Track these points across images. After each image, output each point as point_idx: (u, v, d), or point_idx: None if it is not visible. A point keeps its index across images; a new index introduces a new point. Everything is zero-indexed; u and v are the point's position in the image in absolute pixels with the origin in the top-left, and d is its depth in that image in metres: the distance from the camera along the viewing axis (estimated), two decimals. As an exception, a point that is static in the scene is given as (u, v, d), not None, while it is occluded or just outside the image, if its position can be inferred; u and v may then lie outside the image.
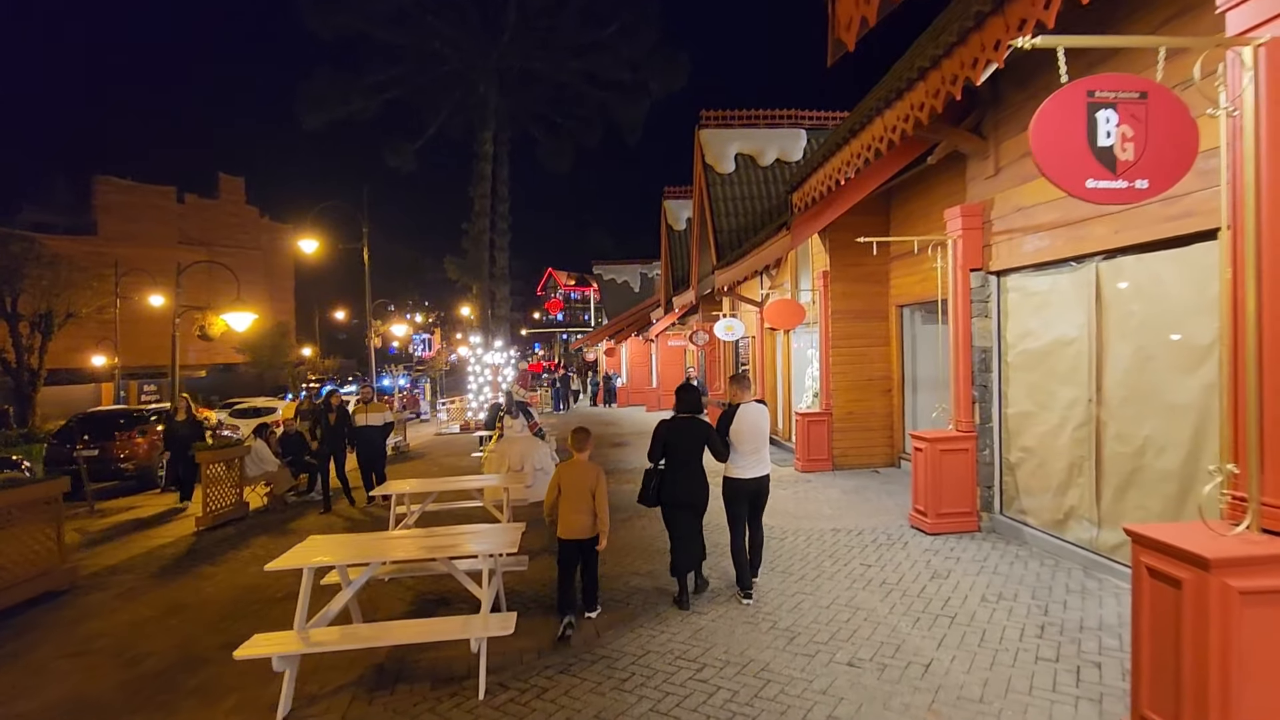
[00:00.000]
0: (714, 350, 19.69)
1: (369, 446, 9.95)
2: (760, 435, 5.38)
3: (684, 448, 5.26)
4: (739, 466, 5.37)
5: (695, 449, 5.28)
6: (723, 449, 5.34)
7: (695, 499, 5.31)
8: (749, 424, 5.33)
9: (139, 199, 46.01)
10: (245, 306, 12.55)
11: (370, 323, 22.06)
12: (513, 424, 9.85)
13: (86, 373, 36.39)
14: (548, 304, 64.51)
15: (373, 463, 10.05)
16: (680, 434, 5.27)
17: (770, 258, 8.61)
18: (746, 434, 5.32)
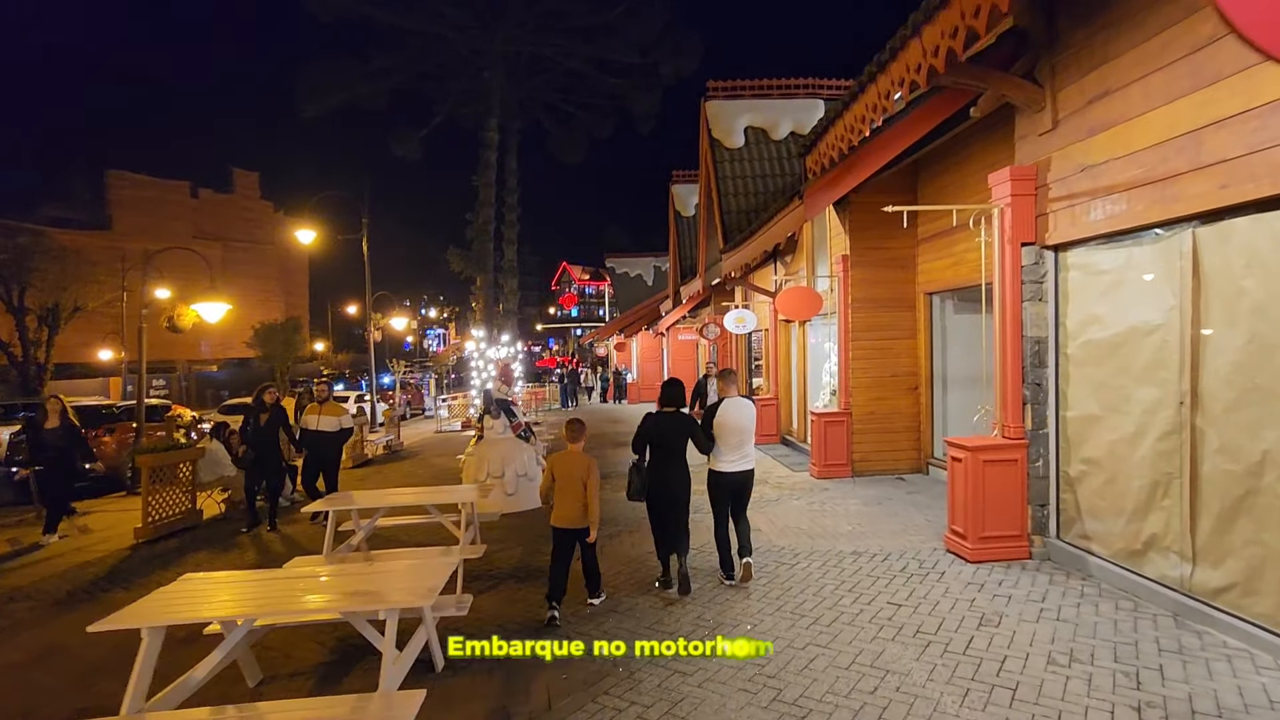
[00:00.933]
0: (726, 344, 18.52)
1: (318, 455, 8.79)
2: (743, 430, 5.41)
3: (668, 441, 5.30)
4: (722, 460, 5.44)
5: (679, 442, 5.33)
6: (705, 442, 5.43)
7: (679, 490, 5.34)
8: (732, 419, 5.38)
9: (153, 194, 45.71)
10: (218, 296, 11.63)
11: (370, 316, 21.15)
12: (493, 425, 8.79)
13: (94, 367, 36.04)
14: (562, 299, 63.51)
15: (322, 473, 8.87)
16: (664, 427, 5.31)
17: (782, 234, 7.43)
18: (729, 429, 5.38)
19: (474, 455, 8.74)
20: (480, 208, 22.90)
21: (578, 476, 4.90)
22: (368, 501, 5.94)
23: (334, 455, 8.91)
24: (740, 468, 5.43)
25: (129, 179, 44.89)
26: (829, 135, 6.88)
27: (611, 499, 8.82)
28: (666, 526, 5.37)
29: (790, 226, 7.31)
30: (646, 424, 5.34)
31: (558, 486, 4.93)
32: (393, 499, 6.08)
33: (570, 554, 4.99)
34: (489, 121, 22.92)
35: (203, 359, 47.51)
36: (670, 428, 5.31)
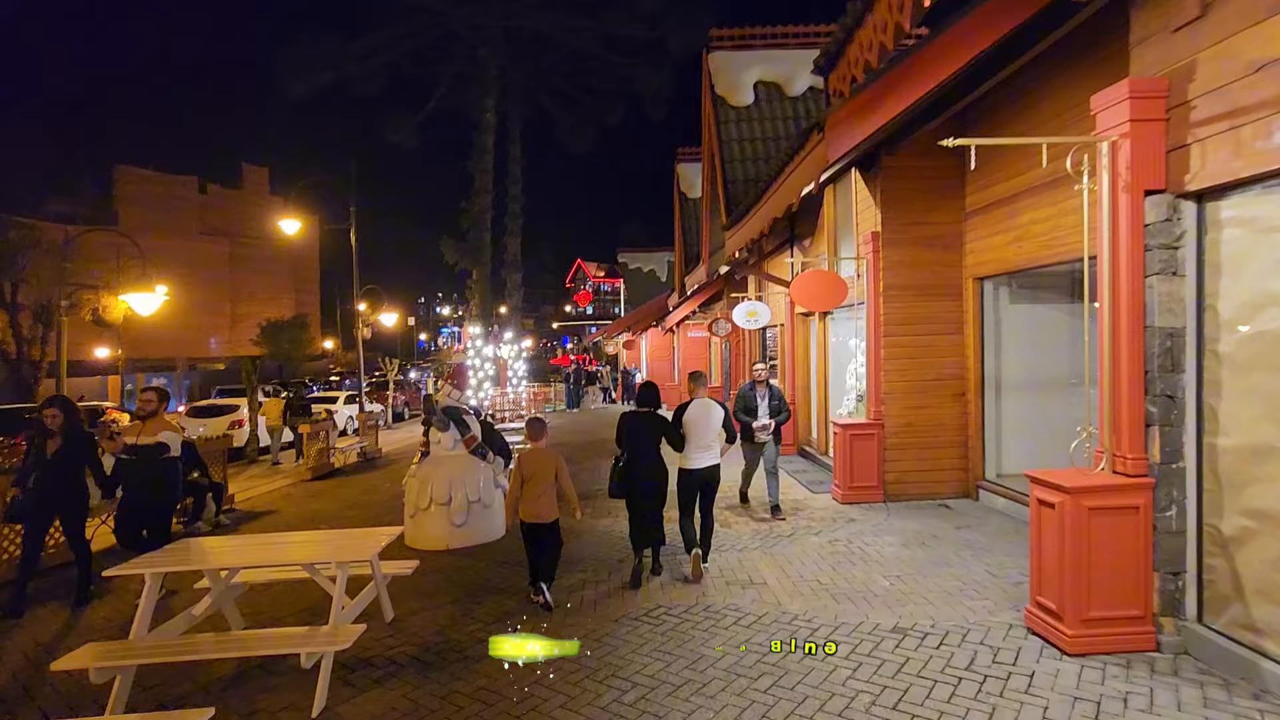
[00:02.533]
0: (739, 342, 16.74)
1: (138, 487, 5.85)
2: (707, 429, 5.69)
3: (644, 439, 5.61)
4: (690, 458, 5.71)
5: (654, 440, 5.63)
6: (678, 440, 5.73)
7: (655, 485, 5.62)
8: (698, 417, 5.68)
9: (160, 189, 44.91)
10: (149, 285, 10.15)
11: (357, 312, 19.70)
12: (440, 439, 7.13)
13: (91, 365, 35.15)
14: (576, 296, 61.89)
15: (141, 515, 5.86)
16: (640, 426, 5.65)
17: (796, 189, 5.64)
18: (693, 427, 5.67)
19: (416, 477, 7.09)
20: (476, 195, 21.34)
21: (548, 472, 5.13)
22: (218, 559, 4.28)
23: (161, 493, 5.91)
24: (706, 464, 5.72)
25: (136, 174, 44.12)
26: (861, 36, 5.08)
27: (597, 528, 7.16)
28: (641, 519, 5.69)
29: (807, 177, 5.48)
30: (623, 423, 5.71)
31: (527, 485, 5.12)
32: (257, 555, 4.42)
33: (541, 544, 5.23)
34: (485, 102, 21.33)
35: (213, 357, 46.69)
36: (646, 427, 5.65)
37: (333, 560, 4.00)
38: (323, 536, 4.61)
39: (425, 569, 6.17)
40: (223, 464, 9.54)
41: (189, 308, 44.40)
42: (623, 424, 5.69)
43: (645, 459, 5.57)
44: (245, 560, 4.08)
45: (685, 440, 5.68)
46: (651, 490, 5.61)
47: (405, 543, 6.98)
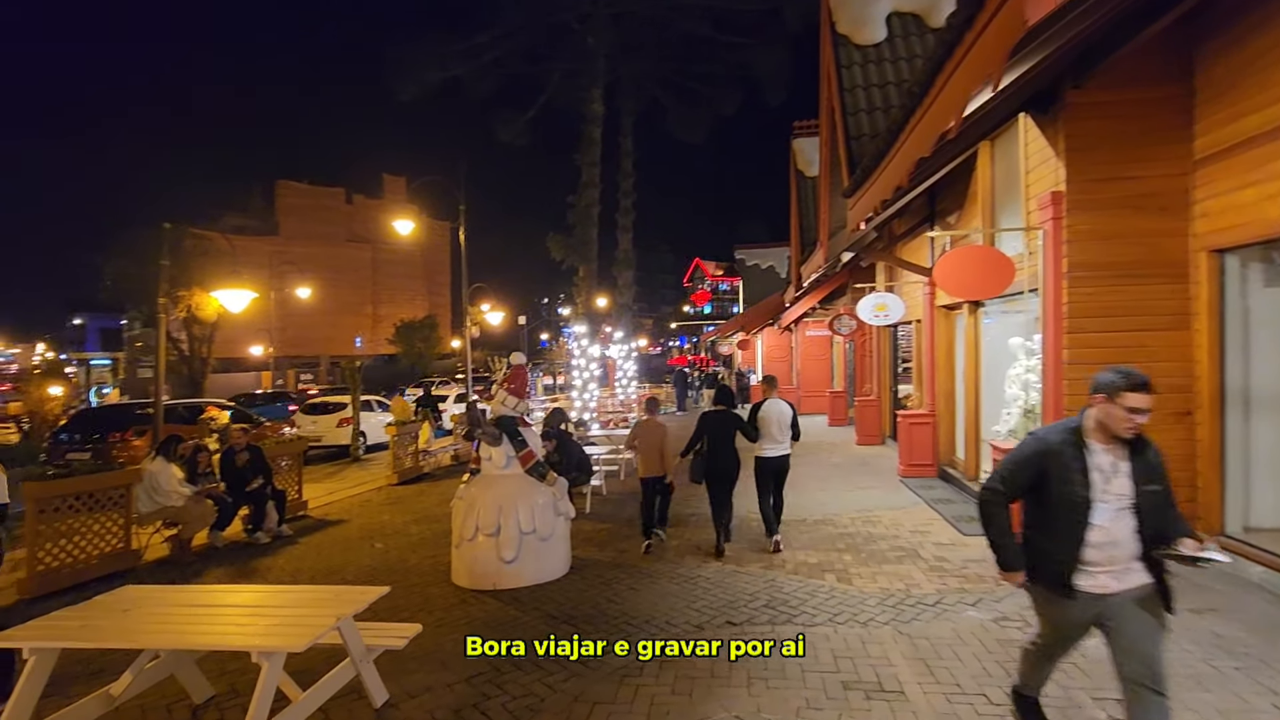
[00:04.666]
0: (865, 340, 14.54)
1: None
2: (780, 425, 6.44)
3: (720, 433, 6.46)
4: (765, 449, 6.50)
5: (729, 434, 6.45)
6: (753, 433, 6.48)
7: (729, 472, 6.47)
8: (770, 415, 6.45)
9: (313, 201, 48.37)
10: (243, 284, 9.86)
11: (466, 310, 19.37)
12: (492, 454, 5.89)
13: (247, 361, 38.10)
14: (694, 296, 60.34)
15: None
16: (717, 423, 6.50)
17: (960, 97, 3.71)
18: (766, 423, 6.45)
19: (461, 499, 5.91)
20: (583, 189, 20.43)
21: (656, 440, 6.56)
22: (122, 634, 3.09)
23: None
24: (779, 453, 6.49)
25: (293, 188, 47.78)
26: None
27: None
28: (719, 500, 6.46)
29: (983, 68, 3.50)
30: (704, 420, 6.54)
31: (640, 449, 6.61)
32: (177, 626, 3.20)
33: (654, 497, 6.61)
34: (593, 93, 20.37)
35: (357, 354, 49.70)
36: (722, 423, 6.48)
37: (254, 649, 2.75)
38: (276, 599, 3.42)
39: (458, 619, 4.94)
40: (297, 469, 8.94)
41: (336, 309, 47.53)
42: (702, 421, 6.57)
43: (723, 451, 6.42)
44: (156, 635, 2.94)
45: (759, 434, 6.44)
46: (727, 476, 6.46)
47: (451, 579, 5.82)
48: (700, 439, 6.46)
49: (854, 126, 6.90)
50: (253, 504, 7.51)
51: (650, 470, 6.53)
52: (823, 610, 4.84)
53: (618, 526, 7.65)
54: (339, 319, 47.55)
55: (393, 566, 6.35)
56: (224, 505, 7.27)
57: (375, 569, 6.28)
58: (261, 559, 6.79)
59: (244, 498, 7.43)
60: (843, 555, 6.15)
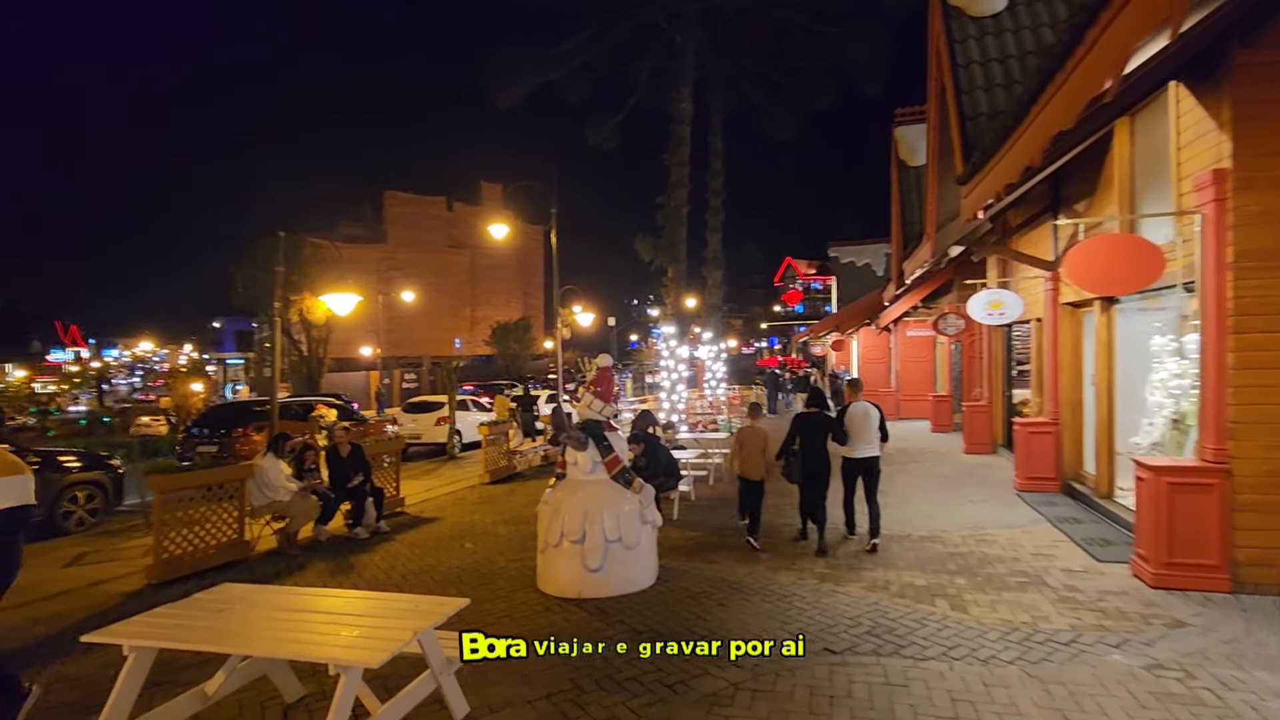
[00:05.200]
0: (974, 341, 13.49)
1: None
2: (866, 427, 6.54)
3: (812, 434, 6.63)
4: (851, 449, 6.64)
5: (821, 435, 6.62)
6: (842, 435, 6.61)
7: (821, 473, 6.63)
8: (858, 417, 6.55)
9: (417, 209, 50.76)
10: (349, 288, 10.27)
11: (556, 312, 19.58)
12: (578, 459, 5.72)
13: (358, 362, 40.33)
14: (785, 295, 58.75)
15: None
16: (809, 424, 6.68)
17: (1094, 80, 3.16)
18: (854, 424, 6.56)
19: (547, 504, 5.78)
20: (671, 189, 20.17)
21: (759, 444, 6.77)
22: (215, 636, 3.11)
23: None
24: (866, 454, 6.60)
25: (399, 197, 50.33)
26: None
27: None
28: (809, 495, 6.75)
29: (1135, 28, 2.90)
30: (796, 421, 6.79)
31: (742, 451, 6.84)
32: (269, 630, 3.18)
33: (750, 497, 6.81)
34: (681, 91, 20.08)
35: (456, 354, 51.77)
36: (814, 424, 6.69)
37: (332, 662, 2.66)
38: (358, 607, 3.34)
39: (541, 628, 4.78)
40: (395, 467, 9.19)
41: (437, 311, 49.65)
42: (795, 422, 6.80)
43: (815, 451, 6.59)
44: (244, 640, 2.91)
45: (848, 435, 6.58)
46: (820, 477, 6.65)
47: (536, 584, 5.70)
48: (794, 440, 6.68)
49: (969, 106, 6.24)
50: (353, 500, 7.74)
51: (750, 471, 6.75)
52: (935, 642, 4.34)
53: (706, 535, 7.33)
54: (440, 321, 49.64)
55: (480, 568, 6.32)
56: (327, 500, 7.52)
57: (463, 570, 6.26)
58: (359, 555, 6.95)
59: (345, 494, 7.67)
60: (955, 578, 5.56)
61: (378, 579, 6.07)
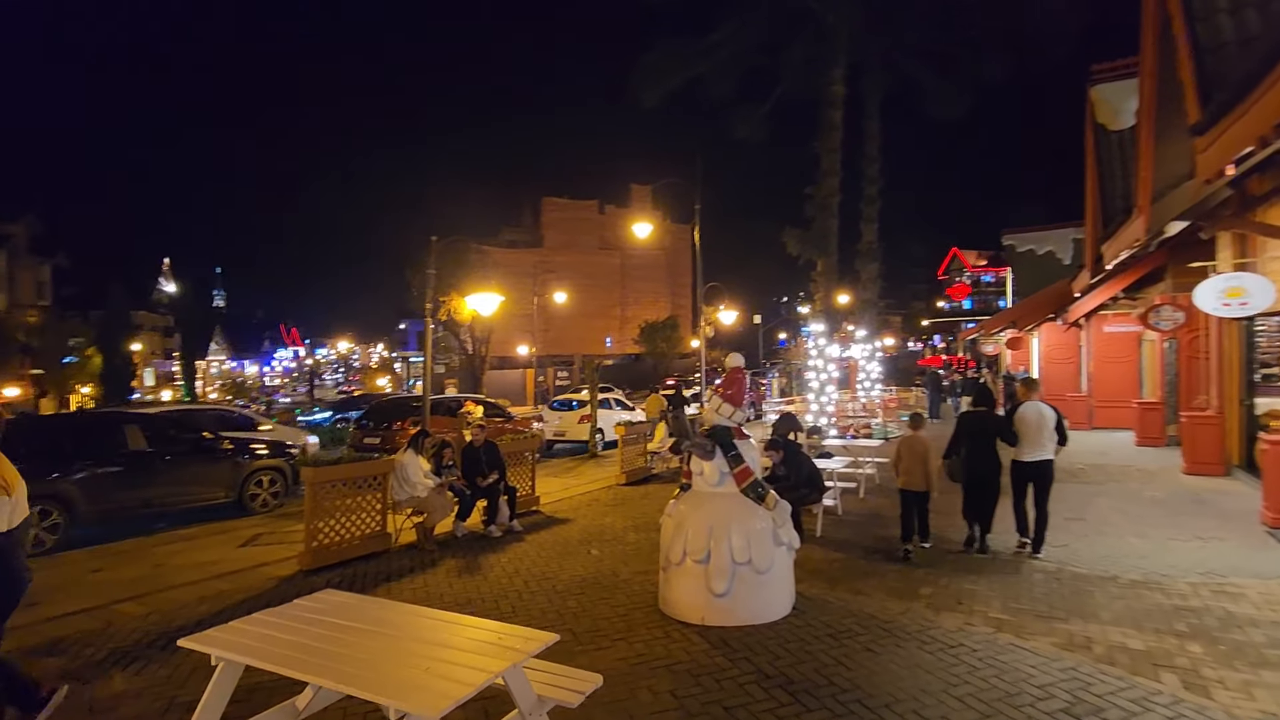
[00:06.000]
0: (1195, 338, 11.10)
1: None
2: (1040, 429, 6.17)
3: (978, 436, 6.39)
4: (1023, 453, 6.27)
5: (988, 437, 6.35)
6: (1011, 437, 6.28)
7: (986, 476, 6.34)
8: (1032, 418, 6.20)
9: (571, 214, 52.76)
10: (491, 288, 10.48)
11: (700, 310, 19.07)
12: (704, 469, 5.14)
13: (516, 360, 42.45)
14: (950, 290, 53.82)
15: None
16: (976, 425, 6.47)
17: None
18: (1024, 426, 6.22)
19: (670, 517, 5.25)
20: (822, 179, 18.81)
21: (919, 453, 6.50)
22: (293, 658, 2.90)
23: None
24: (1037, 458, 6.22)
25: (555, 203, 52.63)
26: None
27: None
28: (973, 499, 6.47)
29: None
30: (962, 421, 6.64)
31: (903, 461, 6.54)
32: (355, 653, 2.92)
33: (914, 509, 6.47)
34: (833, 74, 18.68)
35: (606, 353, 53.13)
36: (980, 425, 6.47)
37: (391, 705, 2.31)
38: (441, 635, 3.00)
39: (657, 657, 4.27)
40: (531, 465, 9.16)
41: (589, 312, 51.25)
42: (961, 422, 6.62)
43: (981, 453, 6.32)
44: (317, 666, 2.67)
45: (1018, 437, 6.23)
46: (984, 480, 6.35)
47: (658, 603, 5.21)
48: (959, 440, 6.49)
49: (1208, 34, 4.82)
50: (488, 498, 7.75)
51: (912, 483, 6.47)
52: None
53: (854, 558, 6.44)
54: (591, 321, 51.18)
55: (602, 579, 5.95)
56: (463, 497, 7.58)
57: (585, 580, 5.93)
58: (489, 554, 6.88)
59: (479, 490, 7.69)
60: (1186, 644, 4.29)
61: (500, 583, 5.89)
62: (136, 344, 46.98)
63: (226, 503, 9.16)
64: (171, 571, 6.48)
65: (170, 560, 6.91)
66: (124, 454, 8.30)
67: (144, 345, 51.38)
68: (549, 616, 5.05)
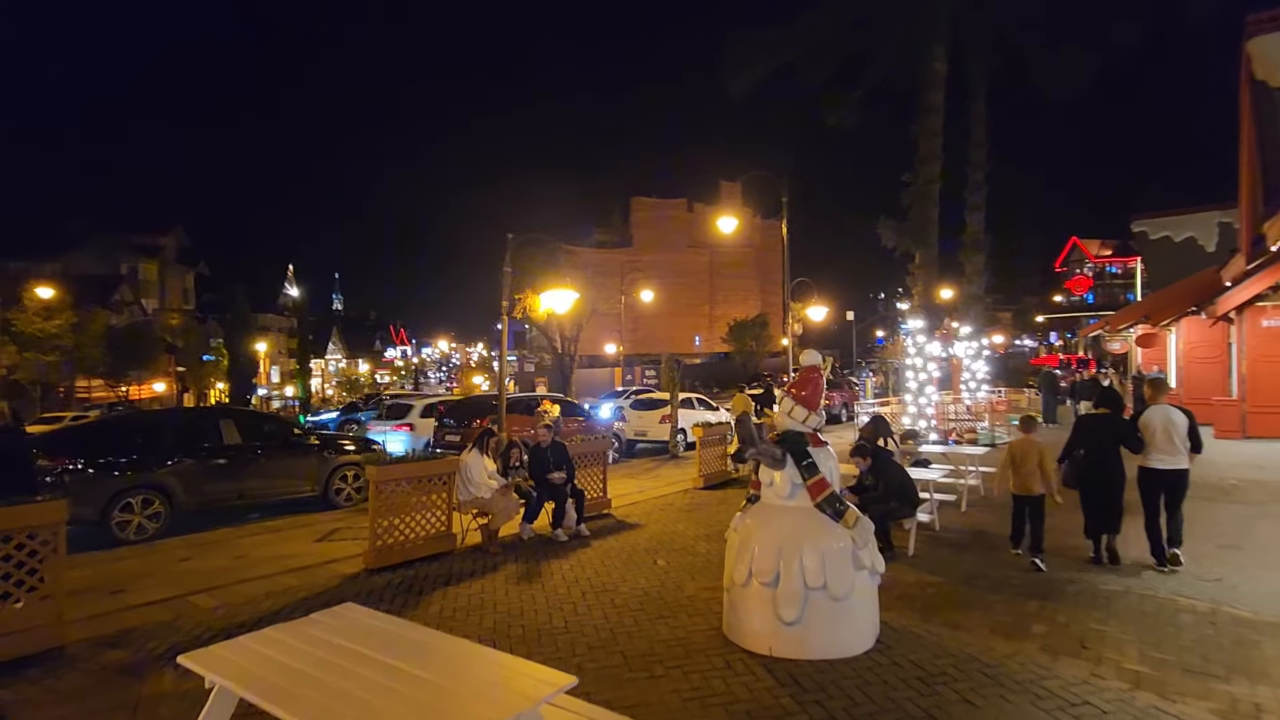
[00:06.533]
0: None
1: None
2: (1169, 435, 5.74)
3: (1099, 441, 5.99)
4: (1151, 459, 5.85)
5: (1110, 441, 5.95)
6: (1135, 444, 5.89)
7: (1107, 485, 5.88)
8: (1158, 422, 5.80)
9: (659, 212, 52.50)
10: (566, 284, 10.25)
11: (787, 306, 18.17)
12: (773, 480, 4.57)
13: (604, 359, 42.60)
14: (1069, 282, 49.18)
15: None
16: (1097, 429, 6.09)
17: None
18: (1154, 431, 5.80)
19: (736, 532, 4.71)
20: (920, 165, 17.41)
21: (1033, 456, 6.04)
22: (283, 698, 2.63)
23: None
24: (1168, 466, 5.77)
25: (644, 202, 52.51)
26: None
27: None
28: (1094, 509, 5.97)
29: None
30: (1080, 424, 6.36)
31: (1015, 466, 6.13)
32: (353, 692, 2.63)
33: (1025, 514, 6.15)
34: (934, 50, 17.25)
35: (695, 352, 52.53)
36: (1102, 428, 6.07)
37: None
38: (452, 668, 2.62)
39: (715, 693, 3.78)
40: (602, 466, 8.83)
41: (677, 310, 50.77)
42: (1079, 425, 6.33)
43: (1102, 460, 5.92)
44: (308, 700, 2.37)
45: (1143, 443, 5.86)
46: (1105, 489, 5.90)
47: (721, 627, 4.70)
48: (1077, 444, 6.14)
49: None
50: (554, 500, 7.47)
51: (1024, 487, 6.13)
52: None
53: (952, 582, 5.64)
54: (679, 320, 50.70)
55: (665, 594, 5.49)
56: (529, 499, 7.35)
57: (646, 594, 5.49)
58: (551, 559, 6.58)
59: (546, 492, 7.42)
60: None
61: (557, 593, 5.56)
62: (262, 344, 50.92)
63: (313, 496, 9.40)
64: (250, 564, 6.60)
65: (253, 552, 7.07)
66: (219, 447, 8.67)
67: (270, 345, 55.71)
68: (602, 635, 4.65)
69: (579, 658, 4.29)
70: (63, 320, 27.43)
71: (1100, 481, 5.90)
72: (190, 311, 46.99)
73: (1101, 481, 5.90)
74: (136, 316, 39.37)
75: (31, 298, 26.90)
